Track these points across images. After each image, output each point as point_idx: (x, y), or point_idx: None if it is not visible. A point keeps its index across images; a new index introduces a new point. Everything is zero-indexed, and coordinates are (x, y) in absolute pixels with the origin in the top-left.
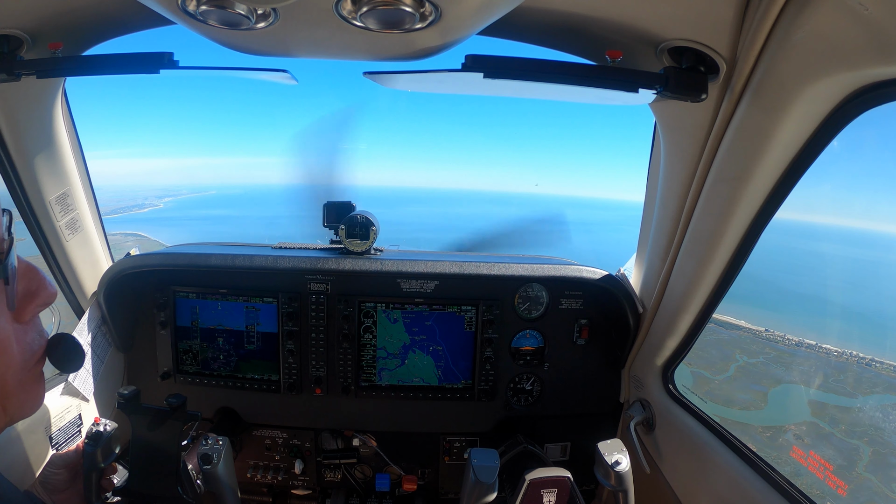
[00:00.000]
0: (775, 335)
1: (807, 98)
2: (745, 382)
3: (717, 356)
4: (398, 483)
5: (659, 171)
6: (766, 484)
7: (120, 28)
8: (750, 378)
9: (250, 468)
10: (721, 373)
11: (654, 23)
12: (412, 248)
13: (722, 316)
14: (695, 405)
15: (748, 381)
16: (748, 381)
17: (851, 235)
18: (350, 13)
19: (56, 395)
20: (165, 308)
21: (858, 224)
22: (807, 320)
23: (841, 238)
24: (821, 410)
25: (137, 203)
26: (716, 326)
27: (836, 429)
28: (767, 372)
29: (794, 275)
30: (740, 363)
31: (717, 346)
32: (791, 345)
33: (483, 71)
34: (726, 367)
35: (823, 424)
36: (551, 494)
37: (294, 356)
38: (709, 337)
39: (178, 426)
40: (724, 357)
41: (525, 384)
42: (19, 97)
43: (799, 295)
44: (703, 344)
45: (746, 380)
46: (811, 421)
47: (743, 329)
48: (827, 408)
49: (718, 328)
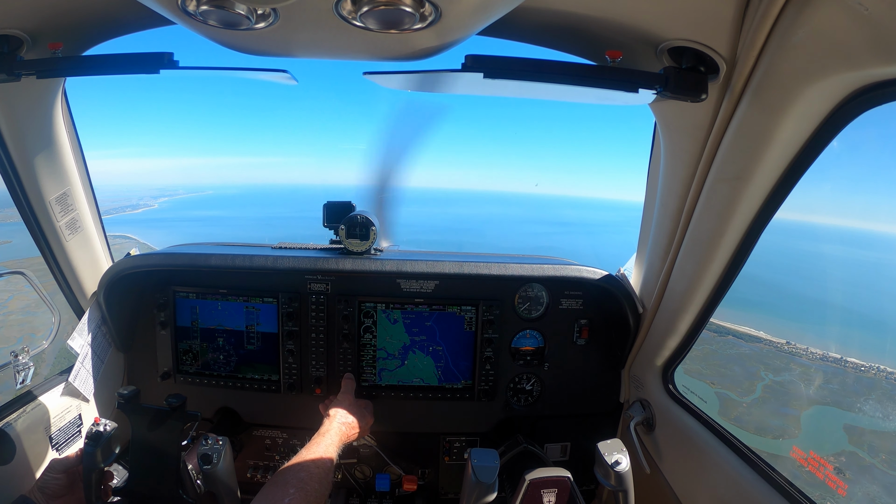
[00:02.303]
0: (797, 348)
1: (807, 98)
2: (775, 405)
3: (741, 374)
4: (398, 483)
5: (659, 171)
6: (766, 484)
7: (120, 28)
8: (779, 400)
9: (250, 468)
10: (748, 394)
11: (654, 23)
12: (412, 249)
13: (740, 327)
14: (695, 405)
15: (777, 403)
16: (777, 403)
17: (866, 238)
18: (350, 13)
19: (56, 396)
20: (165, 308)
21: (869, 226)
22: (826, 330)
23: (856, 241)
24: (858, 437)
25: (132, 203)
26: (735, 339)
27: (875, 458)
28: (796, 392)
29: (808, 279)
30: (766, 381)
31: (739, 361)
32: (815, 359)
33: (483, 71)
34: (752, 386)
35: (863, 454)
36: (551, 494)
37: (294, 356)
38: (729, 351)
39: (178, 426)
40: (749, 374)
41: (525, 384)
42: (19, 97)
43: (816, 301)
44: (725, 359)
45: (776, 402)
46: (850, 450)
47: (763, 341)
48: (864, 434)
49: (738, 341)
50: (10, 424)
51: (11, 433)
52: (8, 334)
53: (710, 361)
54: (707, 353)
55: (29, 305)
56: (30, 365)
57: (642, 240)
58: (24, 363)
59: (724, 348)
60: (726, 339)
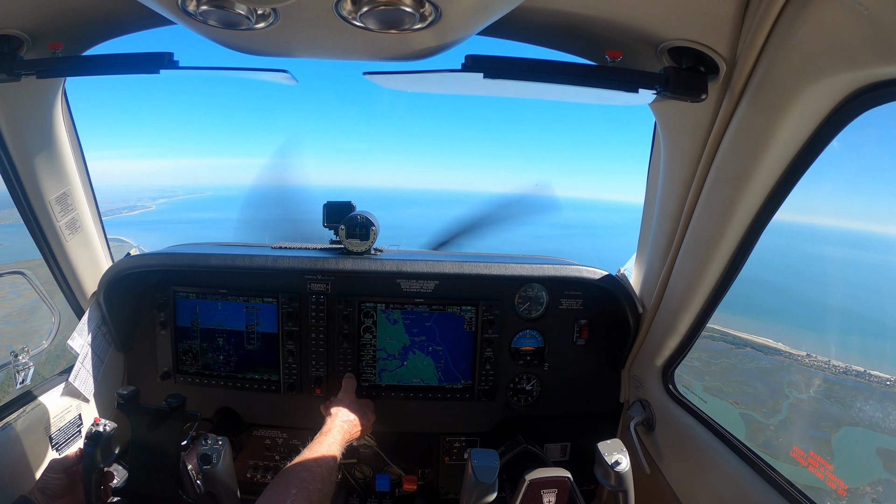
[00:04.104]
0: (818, 360)
1: (807, 98)
2: (803, 427)
3: (764, 392)
4: (398, 483)
5: (659, 172)
6: (766, 484)
7: (120, 28)
8: (807, 421)
9: (250, 468)
10: (774, 414)
11: (654, 23)
12: (412, 248)
13: (757, 338)
14: (695, 405)
15: (805, 424)
16: (805, 424)
17: (882, 241)
18: (350, 13)
19: (56, 396)
20: (165, 308)
21: (881, 228)
22: (846, 340)
23: (871, 244)
24: (893, 462)
25: (129, 205)
26: (753, 351)
27: None
28: (823, 411)
29: (820, 284)
30: (791, 400)
31: (760, 377)
32: (838, 372)
33: (483, 71)
34: (778, 405)
35: None
36: (551, 495)
37: (294, 356)
38: (749, 365)
39: (177, 426)
40: (773, 392)
41: (525, 384)
42: (19, 97)
43: (832, 308)
44: (745, 374)
45: (804, 423)
46: (886, 478)
47: (783, 353)
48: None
49: (757, 353)
50: (10, 424)
51: (11, 433)
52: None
53: (731, 377)
54: (727, 368)
55: (11, 313)
56: (30, 365)
57: (642, 240)
58: (23, 363)
59: (743, 362)
60: (744, 351)
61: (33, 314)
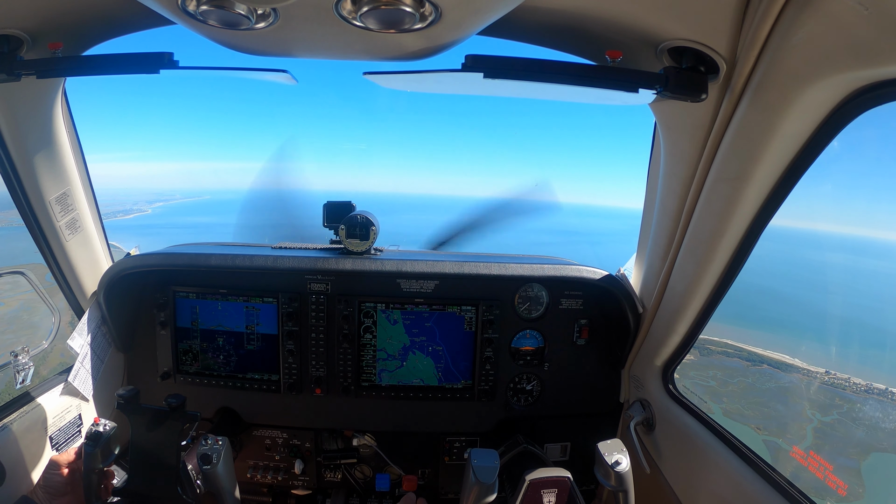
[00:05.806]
0: (838, 378)
1: (807, 98)
2: (831, 454)
3: (785, 413)
4: (398, 483)
5: (659, 172)
6: (766, 484)
7: (120, 28)
8: (834, 447)
9: (250, 468)
10: (799, 440)
11: (654, 23)
12: (412, 249)
13: (774, 353)
14: (695, 405)
15: (833, 451)
16: (833, 451)
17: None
18: (350, 13)
19: (56, 396)
20: (165, 308)
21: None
22: (863, 355)
23: (882, 252)
24: None
25: (125, 208)
26: (771, 369)
27: None
28: (848, 435)
29: (831, 294)
30: (815, 423)
31: (780, 397)
32: (860, 391)
33: (483, 71)
34: (802, 430)
35: None
36: (551, 495)
37: (294, 356)
38: (767, 384)
39: (177, 426)
40: (795, 415)
41: (525, 384)
42: (19, 97)
43: (845, 320)
44: (764, 395)
45: (830, 449)
46: None
47: (801, 371)
48: None
49: (775, 371)
50: (10, 425)
51: (11, 433)
52: None
53: (750, 399)
54: (745, 388)
55: None
56: (30, 365)
57: (642, 240)
58: (23, 363)
59: (761, 381)
60: (761, 368)
61: (12, 325)
